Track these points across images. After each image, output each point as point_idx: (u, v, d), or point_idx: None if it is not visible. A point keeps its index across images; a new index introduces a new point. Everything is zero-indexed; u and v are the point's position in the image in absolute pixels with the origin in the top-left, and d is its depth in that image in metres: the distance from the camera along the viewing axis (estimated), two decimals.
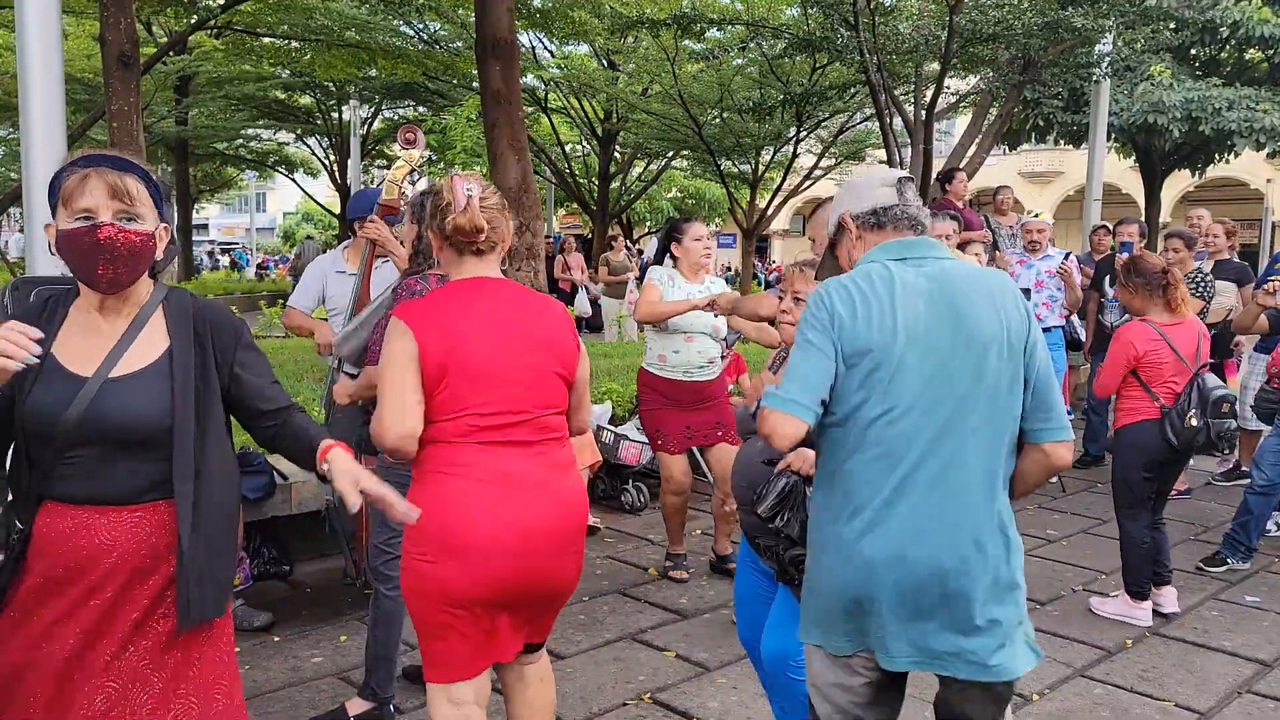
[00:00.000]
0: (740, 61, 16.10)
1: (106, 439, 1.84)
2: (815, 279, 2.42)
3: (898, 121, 10.88)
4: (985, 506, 1.98)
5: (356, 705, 3.22)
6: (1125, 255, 6.62)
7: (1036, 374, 2.03)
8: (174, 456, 1.87)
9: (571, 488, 2.37)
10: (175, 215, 2.00)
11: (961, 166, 10.70)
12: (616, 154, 20.98)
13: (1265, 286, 5.19)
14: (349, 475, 1.90)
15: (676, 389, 4.59)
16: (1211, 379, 4.14)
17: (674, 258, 4.65)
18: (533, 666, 2.52)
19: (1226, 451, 4.35)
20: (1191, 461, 5.81)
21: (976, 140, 11.44)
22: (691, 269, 4.60)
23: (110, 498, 1.86)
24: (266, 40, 16.44)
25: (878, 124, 11.10)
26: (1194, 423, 4.05)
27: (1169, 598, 4.31)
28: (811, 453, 2.23)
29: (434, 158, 24.45)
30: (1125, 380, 4.22)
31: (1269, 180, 26.39)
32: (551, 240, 14.60)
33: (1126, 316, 4.55)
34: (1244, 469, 6.23)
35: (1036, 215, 7.25)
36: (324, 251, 7.04)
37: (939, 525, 1.95)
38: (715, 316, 4.50)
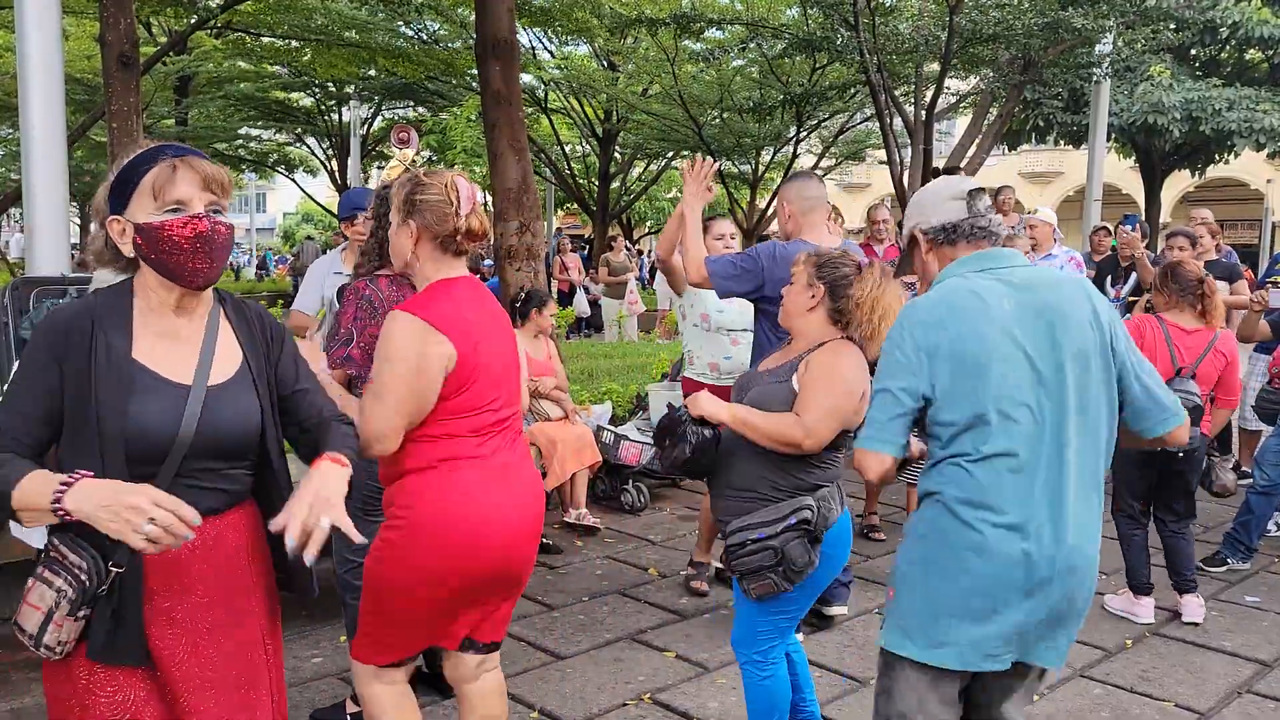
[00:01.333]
0: (740, 62, 16.10)
1: (216, 450, 1.74)
2: (895, 276, 2.57)
3: (898, 122, 10.88)
4: (1097, 506, 2.08)
5: (353, 705, 3.24)
6: (1128, 227, 6.63)
7: (1135, 367, 2.10)
8: (273, 463, 1.83)
9: (537, 475, 2.49)
10: None
11: (961, 166, 10.71)
12: (616, 154, 20.98)
13: (1253, 297, 5.21)
14: (303, 497, 1.68)
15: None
16: (1190, 385, 4.02)
17: None
18: (492, 675, 2.51)
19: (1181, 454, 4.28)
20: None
21: (976, 140, 11.44)
22: None
23: (204, 509, 1.70)
24: (266, 40, 16.44)
25: (878, 124, 11.10)
26: None
27: (1191, 607, 4.27)
28: (704, 396, 2.67)
29: (434, 158, 24.44)
30: None
31: (1269, 180, 26.39)
32: (547, 241, 14.64)
33: (1127, 316, 4.55)
34: (1245, 469, 6.23)
35: (1035, 211, 7.23)
36: (324, 252, 7.05)
37: (1066, 527, 2.00)
38: None
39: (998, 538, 1.98)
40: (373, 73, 17.12)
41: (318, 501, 1.67)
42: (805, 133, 17.53)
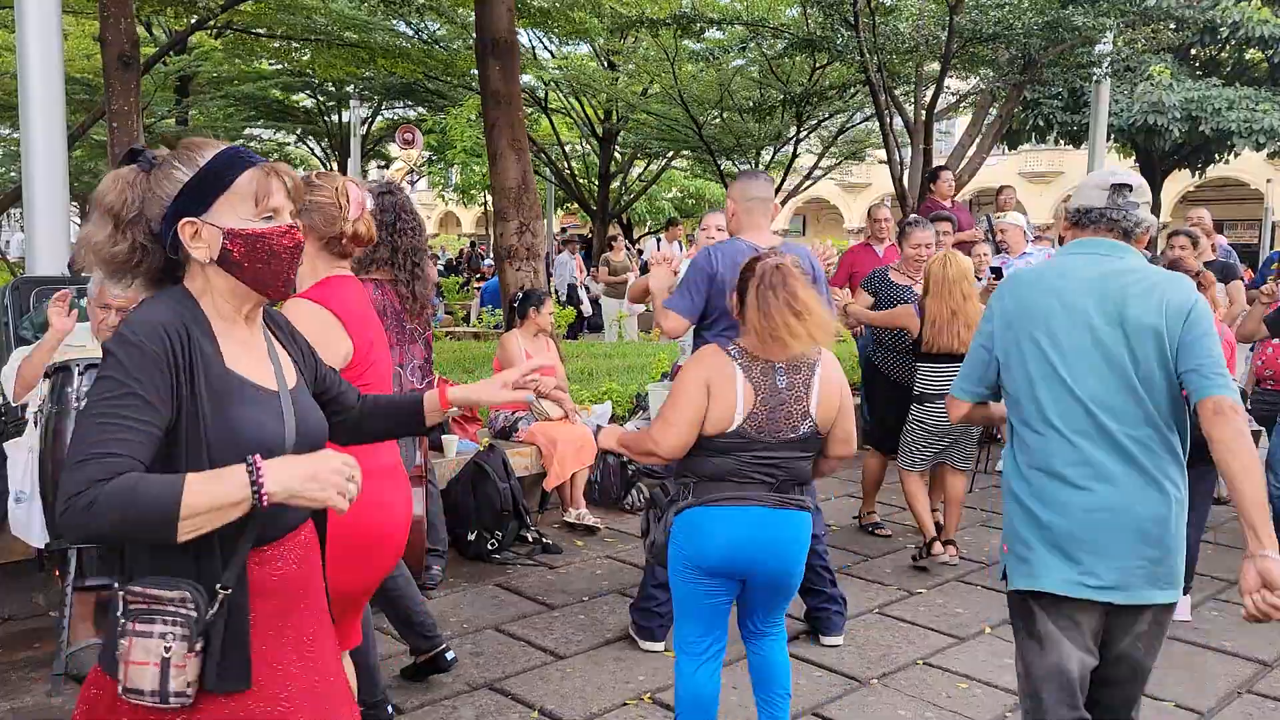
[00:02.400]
0: (740, 62, 16.10)
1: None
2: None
3: (898, 121, 10.88)
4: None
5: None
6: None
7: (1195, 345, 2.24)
8: None
9: (407, 478, 2.54)
10: None
11: (962, 166, 10.72)
12: (616, 154, 20.96)
13: (1265, 288, 5.20)
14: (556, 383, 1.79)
15: None
16: None
17: None
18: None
19: None
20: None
21: (976, 140, 11.44)
22: None
23: (299, 518, 1.70)
24: (266, 40, 16.44)
25: (878, 124, 11.10)
26: None
27: (1183, 606, 4.27)
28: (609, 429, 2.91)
29: (434, 158, 24.43)
30: None
31: (1269, 180, 26.40)
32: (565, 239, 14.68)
33: None
34: None
35: (1001, 216, 7.25)
36: None
37: (1142, 483, 2.24)
38: None
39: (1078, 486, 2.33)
40: (372, 73, 17.12)
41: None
42: (805, 133, 17.52)
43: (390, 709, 3.22)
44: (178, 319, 1.58)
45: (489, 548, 4.90)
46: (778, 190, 19.50)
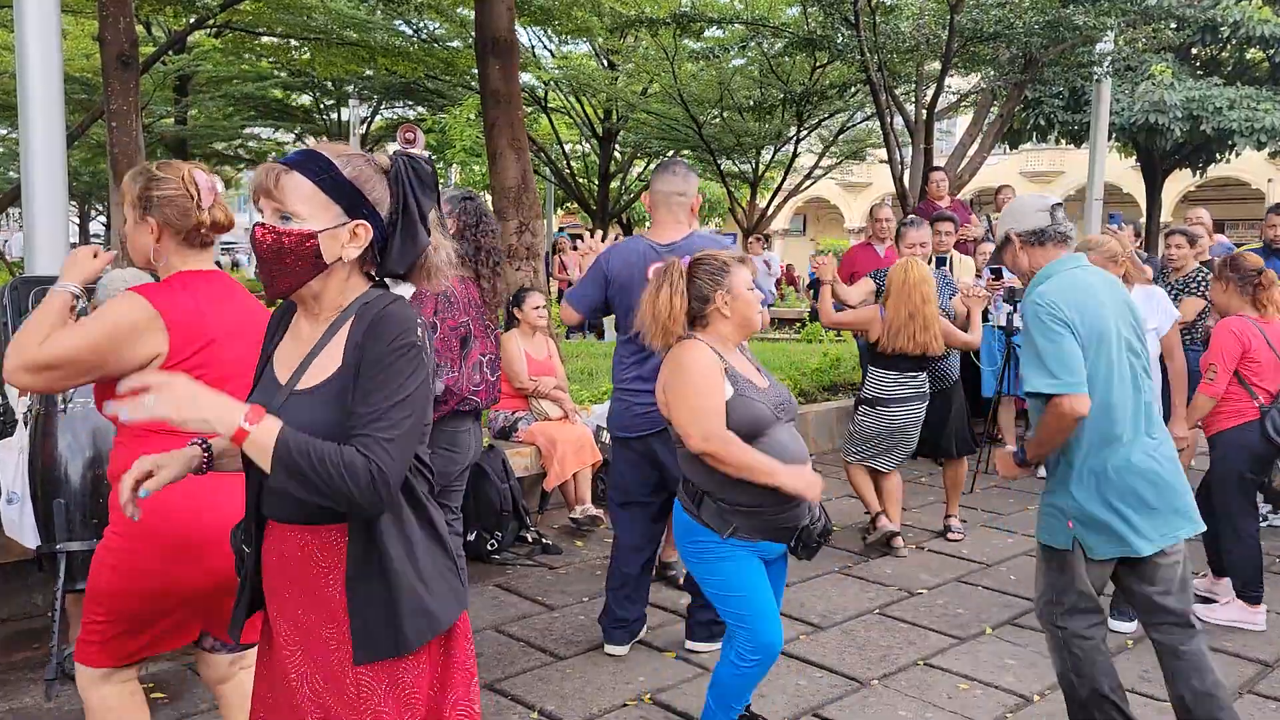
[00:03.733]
0: (740, 61, 16.08)
1: None
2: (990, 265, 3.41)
3: (898, 121, 10.87)
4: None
5: None
6: (1114, 225, 6.68)
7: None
8: None
9: None
10: (408, 206, 1.73)
11: (962, 166, 10.70)
12: (616, 153, 20.97)
13: None
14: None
15: None
16: None
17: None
18: (248, 671, 2.39)
19: None
20: None
21: (977, 140, 11.42)
22: None
23: (298, 517, 1.72)
24: (265, 39, 16.43)
25: (878, 123, 11.09)
26: None
27: (1226, 587, 4.39)
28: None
29: (433, 157, 24.41)
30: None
31: (1270, 180, 26.39)
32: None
33: None
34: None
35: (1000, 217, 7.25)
36: None
37: (1161, 443, 2.86)
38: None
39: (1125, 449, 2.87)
40: (371, 72, 17.12)
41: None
42: (805, 132, 17.53)
43: None
44: (284, 310, 1.85)
45: (489, 548, 4.90)
46: (777, 189, 19.52)
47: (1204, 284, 5.87)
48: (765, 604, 2.79)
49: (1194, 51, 15.31)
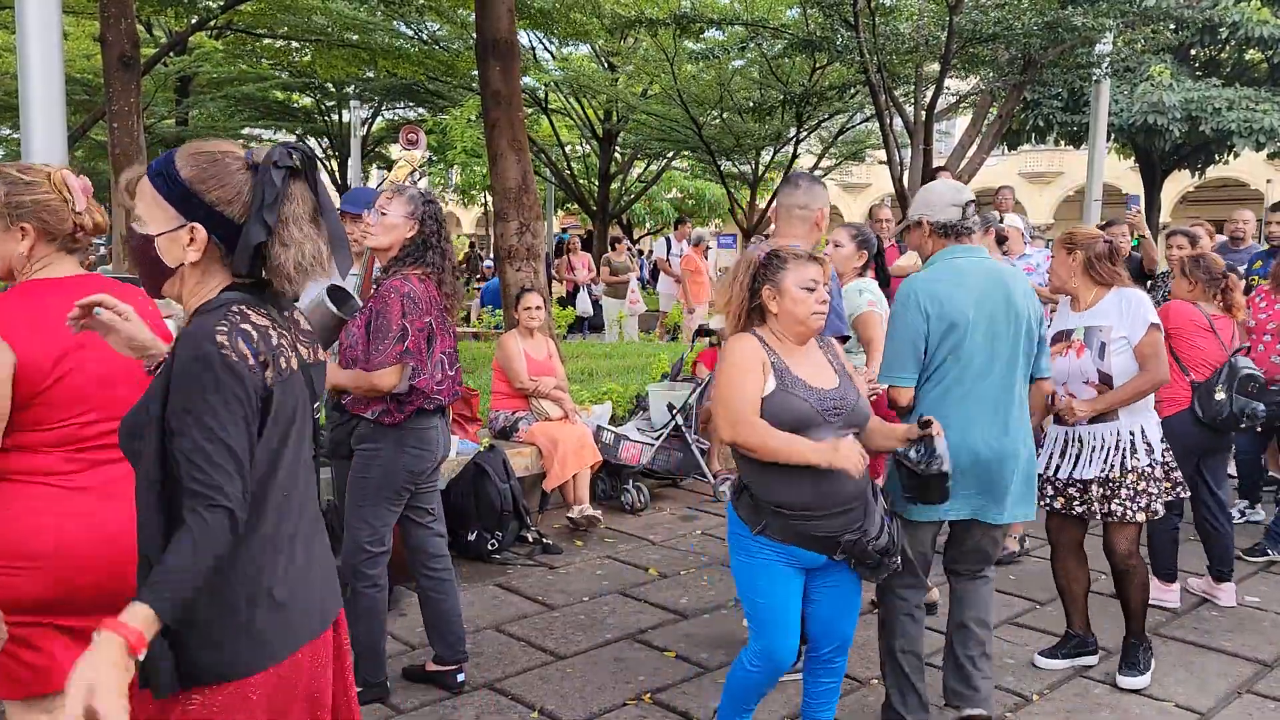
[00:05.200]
0: (740, 62, 16.10)
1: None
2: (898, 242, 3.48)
3: (898, 122, 10.88)
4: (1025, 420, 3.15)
5: (433, 664, 3.52)
6: (1135, 208, 6.75)
7: (1040, 334, 3.18)
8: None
9: (128, 510, 2.13)
10: (265, 203, 1.64)
11: (962, 166, 10.71)
12: (616, 154, 20.97)
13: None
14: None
15: None
16: (1244, 361, 4.22)
17: None
18: None
19: (1252, 428, 4.37)
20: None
21: (976, 140, 11.44)
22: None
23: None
24: (266, 40, 16.45)
25: (878, 124, 11.10)
26: (1219, 396, 4.12)
27: (1228, 592, 4.46)
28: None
29: (434, 158, 24.44)
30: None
31: (1269, 180, 26.38)
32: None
33: None
34: (1272, 474, 6.22)
35: (1002, 220, 7.25)
36: None
37: (1002, 434, 3.05)
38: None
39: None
40: (372, 73, 17.13)
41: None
42: (805, 133, 17.52)
43: (387, 685, 3.36)
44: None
45: (489, 548, 4.91)
46: (777, 190, 19.51)
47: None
48: (780, 612, 2.67)
49: (1193, 52, 15.33)
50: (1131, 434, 3.49)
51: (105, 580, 2.08)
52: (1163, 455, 3.57)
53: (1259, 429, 4.92)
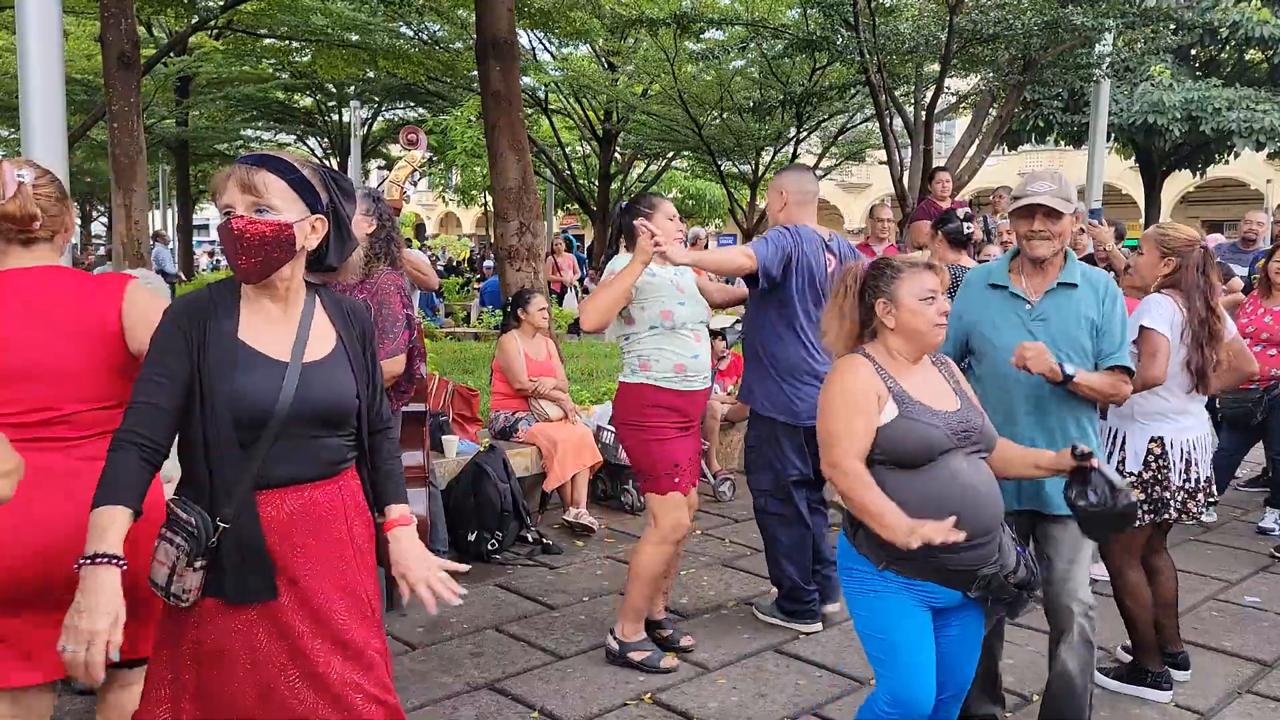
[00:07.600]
0: (740, 62, 16.11)
1: (315, 419, 1.95)
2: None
3: (898, 122, 10.90)
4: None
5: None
6: (1094, 220, 6.75)
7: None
8: (361, 432, 2.07)
9: (77, 504, 2.03)
10: (337, 209, 2.03)
11: (962, 167, 10.72)
12: (617, 155, 20.99)
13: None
14: (412, 567, 2.06)
15: (695, 403, 3.74)
16: None
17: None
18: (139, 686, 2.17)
19: None
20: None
21: (976, 140, 11.44)
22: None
23: (311, 475, 1.96)
24: (267, 41, 16.45)
25: (878, 124, 11.10)
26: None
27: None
28: None
29: (434, 158, 24.46)
30: None
31: (1269, 180, 26.37)
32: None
33: None
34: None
35: (1001, 218, 7.27)
36: None
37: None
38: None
39: None
40: (373, 74, 17.14)
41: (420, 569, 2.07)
42: (805, 133, 17.53)
43: None
44: (205, 298, 1.95)
45: (489, 548, 4.91)
46: (775, 182, 19.49)
47: None
48: (912, 654, 2.38)
49: (1193, 52, 15.35)
50: (1114, 436, 3.54)
51: (44, 568, 2.05)
52: (1158, 470, 3.44)
53: (1249, 425, 5.09)
